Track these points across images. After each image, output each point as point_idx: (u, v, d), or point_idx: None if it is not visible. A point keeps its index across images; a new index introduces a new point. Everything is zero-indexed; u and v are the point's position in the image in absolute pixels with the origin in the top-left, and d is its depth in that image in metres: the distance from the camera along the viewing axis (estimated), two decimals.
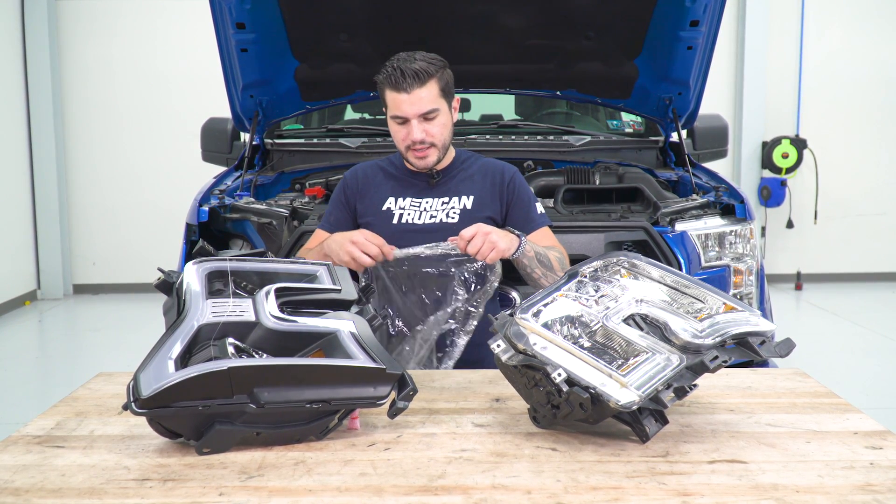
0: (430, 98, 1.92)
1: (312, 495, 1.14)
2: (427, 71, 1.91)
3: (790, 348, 1.36)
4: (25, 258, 6.65)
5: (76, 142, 6.86)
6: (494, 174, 2.10)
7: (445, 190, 2.06)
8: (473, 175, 2.09)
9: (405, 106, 1.91)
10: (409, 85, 1.89)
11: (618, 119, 3.93)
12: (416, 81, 1.89)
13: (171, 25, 6.75)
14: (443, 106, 1.96)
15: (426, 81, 1.91)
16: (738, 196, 2.74)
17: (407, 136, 1.95)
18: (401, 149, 2.01)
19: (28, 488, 1.16)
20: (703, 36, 2.83)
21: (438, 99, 1.94)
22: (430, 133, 1.95)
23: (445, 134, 2.00)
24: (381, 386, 1.34)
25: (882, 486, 1.16)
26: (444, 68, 1.97)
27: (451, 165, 2.10)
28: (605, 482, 1.17)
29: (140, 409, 1.23)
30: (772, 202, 6.90)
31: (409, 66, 1.90)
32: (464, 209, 2.03)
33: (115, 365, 4.14)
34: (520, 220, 2.06)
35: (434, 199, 2.05)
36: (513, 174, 2.11)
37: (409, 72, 1.89)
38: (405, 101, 1.91)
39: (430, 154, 1.98)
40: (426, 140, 1.95)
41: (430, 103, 1.92)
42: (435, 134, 1.96)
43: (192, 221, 2.62)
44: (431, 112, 1.93)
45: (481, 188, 2.07)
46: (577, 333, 1.39)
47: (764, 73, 6.87)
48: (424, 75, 1.90)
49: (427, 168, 2.03)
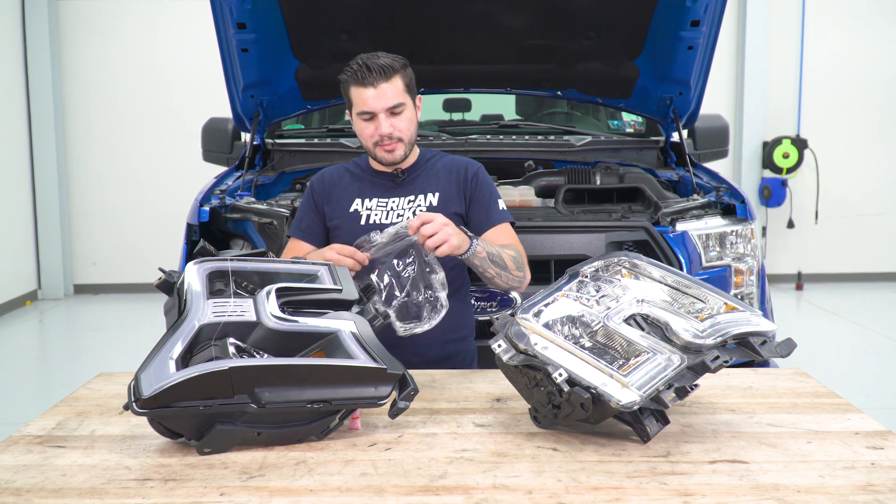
0: (395, 92, 1.94)
1: (313, 495, 1.14)
2: (392, 66, 1.94)
3: (791, 348, 1.36)
4: (26, 258, 6.65)
5: (77, 142, 6.86)
6: (458, 170, 2.11)
7: (411, 188, 2.07)
8: (438, 172, 2.10)
9: (372, 100, 1.93)
10: (374, 79, 1.91)
11: (618, 119, 3.93)
12: (381, 76, 1.92)
13: (172, 26, 6.75)
14: (408, 101, 1.98)
15: (391, 76, 1.93)
16: (738, 196, 2.74)
17: (375, 131, 1.97)
18: (368, 146, 2.02)
19: (29, 488, 1.16)
20: (704, 36, 2.83)
21: (404, 94, 1.96)
22: (398, 128, 1.97)
23: (412, 129, 2.02)
24: (382, 386, 1.34)
25: (883, 486, 1.16)
26: (407, 66, 1.99)
27: (415, 164, 2.12)
28: (606, 482, 1.17)
29: (141, 409, 1.23)
30: (772, 202, 6.90)
31: (373, 61, 1.93)
32: (430, 206, 2.04)
33: (116, 365, 4.14)
34: (480, 216, 2.06)
35: (400, 198, 2.05)
36: (476, 170, 2.12)
37: (374, 67, 1.91)
38: (372, 95, 1.93)
39: (398, 149, 1.99)
40: (394, 134, 1.97)
41: (396, 97, 1.94)
42: (402, 129, 1.98)
43: (192, 221, 2.62)
44: (398, 106, 1.95)
45: (447, 185, 2.08)
46: (578, 333, 1.38)
47: (765, 73, 6.87)
48: (389, 70, 1.93)
49: (394, 163, 2.03)
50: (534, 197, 2.88)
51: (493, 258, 1.89)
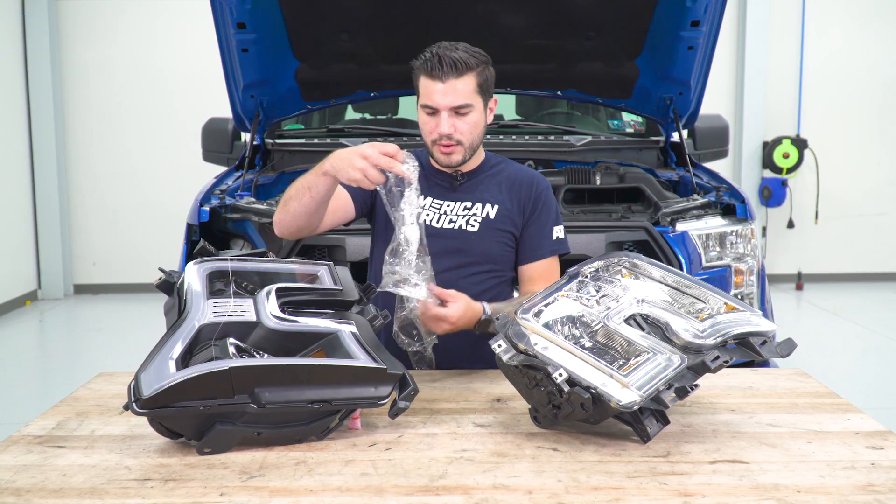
0: (465, 91, 1.78)
1: (313, 495, 1.14)
2: (467, 63, 1.77)
3: (791, 348, 1.37)
4: (26, 258, 6.64)
5: (77, 142, 6.86)
6: (522, 185, 1.95)
7: (469, 195, 1.92)
8: (501, 182, 1.95)
9: (437, 95, 1.77)
10: (445, 74, 1.75)
11: (618, 119, 3.93)
12: (453, 71, 1.76)
13: (172, 26, 6.74)
14: (477, 103, 1.82)
15: (464, 73, 1.77)
16: (738, 196, 2.74)
17: (434, 128, 1.81)
18: (426, 141, 1.87)
19: (29, 488, 1.16)
20: (704, 36, 2.84)
21: (474, 94, 1.80)
22: (459, 129, 1.81)
23: (476, 134, 1.85)
24: (382, 386, 1.34)
25: (883, 486, 1.16)
26: (487, 64, 1.84)
27: (478, 168, 1.96)
28: (606, 482, 1.17)
29: (141, 410, 1.23)
30: (772, 202, 6.90)
31: (448, 53, 1.77)
32: (486, 218, 1.90)
33: (116, 365, 4.14)
34: (531, 243, 1.93)
35: (456, 202, 1.91)
36: (543, 189, 1.97)
37: (447, 60, 1.75)
38: (438, 90, 1.77)
39: (456, 152, 1.83)
40: (454, 136, 1.80)
41: (464, 97, 1.78)
42: (464, 131, 1.81)
43: (192, 221, 2.62)
44: (464, 107, 1.79)
45: (507, 198, 1.93)
46: (578, 333, 1.38)
47: (765, 73, 6.86)
48: (463, 66, 1.77)
49: (451, 166, 1.88)
50: None
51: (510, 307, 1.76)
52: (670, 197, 2.89)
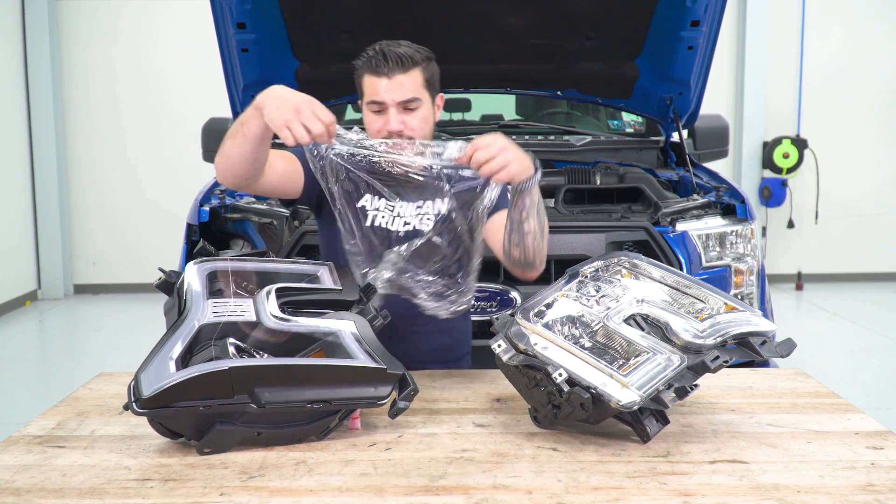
0: (411, 86, 1.74)
1: (313, 495, 1.14)
2: (412, 58, 1.75)
3: (791, 348, 1.36)
4: (26, 258, 6.64)
5: (77, 142, 6.86)
6: None
7: (420, 193, 1.82)
8: None
9: (384, 91, 1.73)
10: (390, 69, 1.72)
11: (618, 119, 3.93)
12: (398, 66, 1.73)
13: (172, 26, 6.75)
14: (425, 98, 1.78)
15: (409, 68, 1.74)
16: (738, 196, 2.74)
17: (383, 125, 1.75)
18: None
19: (29, 488, 1.16)
20: (704, 36, 2.84)
21: (421, 89, 1.77)
22: (409, 125, 1.75)
23: (426, 129, 1.79)
24: (382, 386, 1.33)
25: (883, 486, 1.16)
26: (431, 60, 1.81)
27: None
28: (606, 482, 1.17)
29: (141, 409, 1.23)
30: (772, 202, 6.90)
31: (392, 49, 1.74)
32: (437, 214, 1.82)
33: (116, 365, 4.14)
34: None
35: (408, 203, 1.83)
36: None
37: (392, 55, 1.73)
38: (384, 86, 1.73)
39: None
40: (404, 132, 1.74)
41: (411, 91, 1.74)
42: (414, 127, 1.75)
43: (192, 221, 2.62)
44: (412, 101, 1.75)
45: None
46: (578, 333, 1.38)
47: (765, 73, 6.86)
48: (408, 61, 1.74)
49: None
50: None
51: (541, 211, 1.63)
52: (670, 197, 2.89)
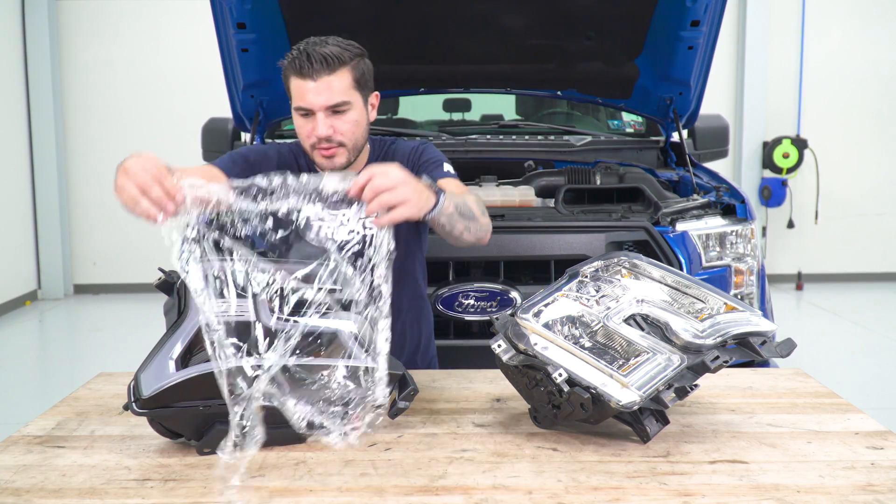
0: (340, 88, 1.65)
1: (313, 495, 1.13)
2: (339, 57, 1.64)
3: (791, 348, 1.36)
4: (26, 258, 6.65)
5: (77, 142, 6.86)
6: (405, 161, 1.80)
7: None
8: None
9: (310, 95, 1.64)
10: (315, 71, 1.62)
11: (618, 119, 3.93)
12: (324, 67, 1.63)
13: (172, 25, 6.75)
14: (356, 99, 1.69)
15: (337, 69, 1.64)
16: (738, 196, 2.74)
17: (312, 131, 1.67)
18: (305, 146, 1.74)
19: (29, 488, 1.16)
20: (704, 36, 2.84)
21: (350, 91, 1.67)
22: (339, 130, 1.68)
23: (358, 133, 1.71)
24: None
25: (883, 486, 1.16)
26: (361, 57, 1.70)
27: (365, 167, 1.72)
28: (606, 482, 1.17)
29: (141, 410, 1.23)
30: (772, 202, 6.90)
31: (317, 49, 1.64)
32: None
33: (116, 365, 4.14)
34: None
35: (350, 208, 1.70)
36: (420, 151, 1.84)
37: (316, 56, 1.63)
38: (311, 89, 1.64)
39: (339, 154, 1.70)
40: (334, 138, 1.67)
41: (339, 94, 1.65)
42: (345, 132, 1.68)
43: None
44: (341, 105, 1.66)
45: None
46: (577, 333, 1.38)
47: (765, 73, 6.87)
48: (335, 61, 1.64)
49: (334, 169, 1.71)
50: (534, 197, 2.88)
51: (461, 210, 1.58)
52: (670, 197, 2.89)
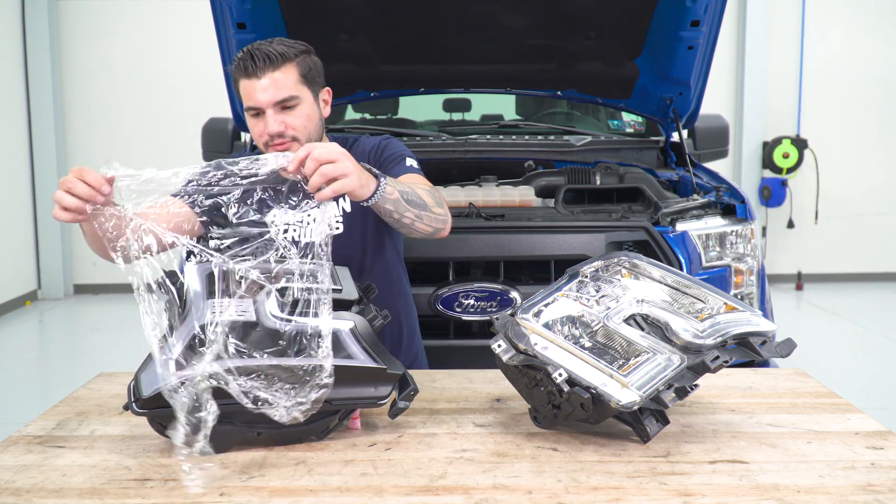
0: (286, 83, 1.67)
1: (313, 495, 1.13)
2: (283, 54, 1.67)
3: (791, 348, 1.36)
4: (26, 258, 6.65)
5: (76, 142, 6.86)
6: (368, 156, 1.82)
7: None
8: None
9: (257, 93, 1.66)
10: (260, 69, 1.65)
11: (618, 119, 3.93)
12: (268, 65, 1.65)
13: (172, 25, 6.75)
14: (304, 94, 1.70)
15: (281, 65, 1.67)
16: (738, 196, 2.74)
17: (264, 130, 1.68)
18: (261, 147, 1.73)
19: (29, 488, 1.16)
20: (704, 36, 2.84)
21: (298, 86, 1.69)
22: (291, 125, 1.68)
23: (311, 127, 1.72)
24: (382, 386, 1.33)
25: (883, 486, 1.16)
26: (307, 54, 1.74)
27: None
28: (606, 482, 1.17)
29: (141, 409, 1.23)
30: (772, 202, 6.90)
31: (261, 48, 1.67)
32: (345, 213, 1.77)
33: (116, 365, 4.14)
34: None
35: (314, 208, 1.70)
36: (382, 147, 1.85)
37: (260, 54, 1.65)
38: (257, 87, 1.66)
39: (293, 149, 1.65)
40: (286, 133, 1.68)
41: (287, 90, 1.67)
42: (297, 126, 1.69)
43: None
44: (289, 100, 1.67)
45: None
46: (577, 333, 1.38)
47: (765, 73, 6.87)
48: (278, 58, 1.66)
49: None
50: (534, 197, 2.88)
51: (408, 197, 1.56)
52: (670, 197, 2.89)
